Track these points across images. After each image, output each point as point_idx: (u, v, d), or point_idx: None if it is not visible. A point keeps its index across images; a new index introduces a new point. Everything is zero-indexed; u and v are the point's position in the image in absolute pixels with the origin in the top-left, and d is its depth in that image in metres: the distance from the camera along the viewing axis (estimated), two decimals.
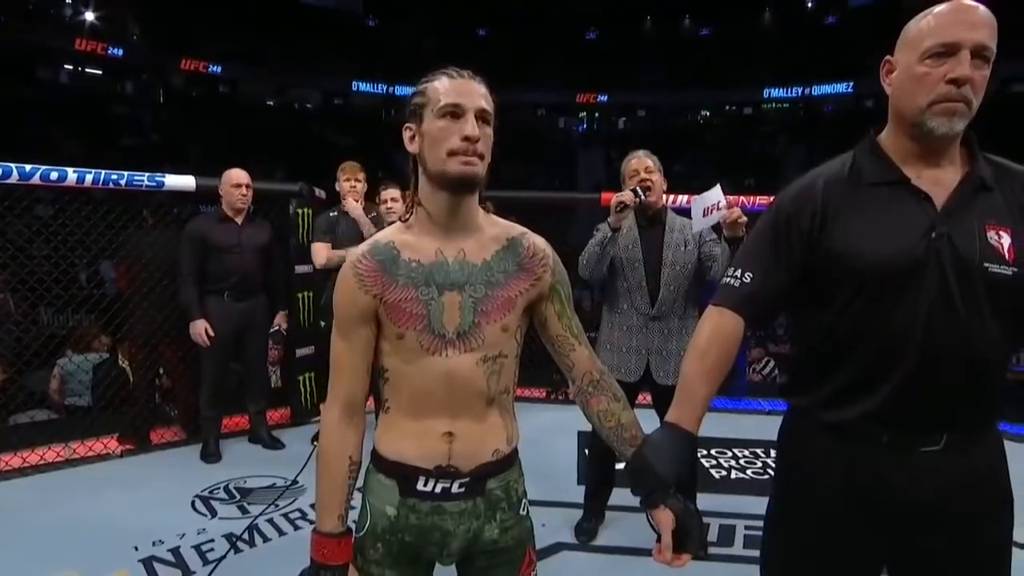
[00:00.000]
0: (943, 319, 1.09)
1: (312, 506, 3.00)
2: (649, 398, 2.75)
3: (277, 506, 3.01)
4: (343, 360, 1.18)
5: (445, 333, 1.12)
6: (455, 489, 1.14)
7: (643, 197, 2.47)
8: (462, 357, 1.13)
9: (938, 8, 1.10)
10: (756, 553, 1.39)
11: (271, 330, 3.77)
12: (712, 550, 2.68)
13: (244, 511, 2.97)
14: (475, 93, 1.11)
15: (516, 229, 1.23)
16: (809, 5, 23.69)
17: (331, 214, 3.75)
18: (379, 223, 3.69)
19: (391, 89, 24.78)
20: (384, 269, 1.14)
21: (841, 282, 1.15)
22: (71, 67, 21.53)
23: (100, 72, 21.96)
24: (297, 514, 2.95)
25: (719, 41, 24.10)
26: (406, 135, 1.15)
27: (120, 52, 21.41)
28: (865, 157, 1.19)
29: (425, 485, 1.14)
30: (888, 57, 1.16)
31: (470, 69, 1.13)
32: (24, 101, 17.15)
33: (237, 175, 3.56)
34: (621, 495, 2.92)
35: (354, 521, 1.22)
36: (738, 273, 1.23)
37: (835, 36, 21.72)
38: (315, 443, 3.76)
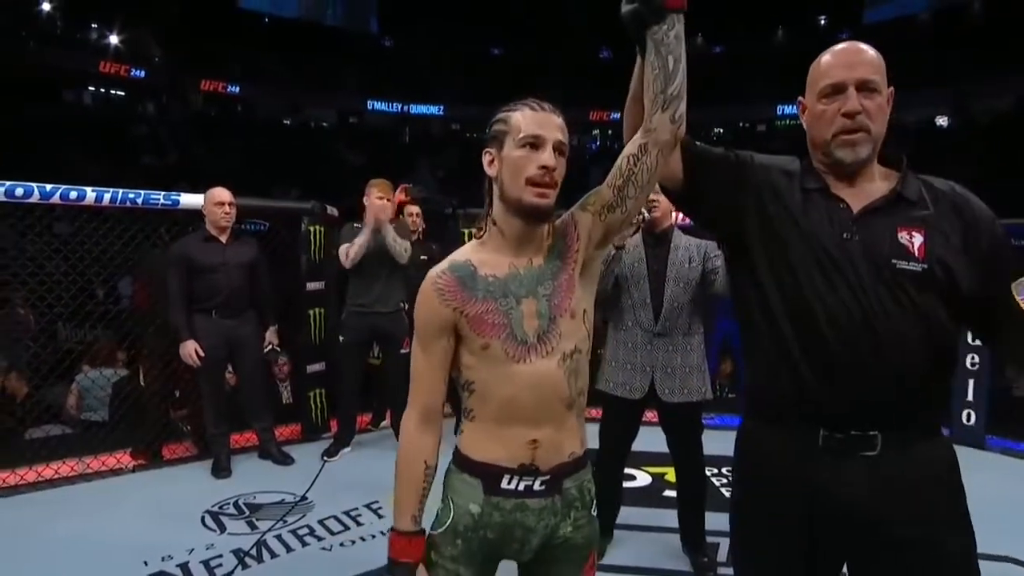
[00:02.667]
0: (862, 315, 1.17)
1: (320, 522, 3.01)
2: (655, 415, 2.72)
3: (286, 522, 3.02)
4: (422, 370, 1.25)
5: (527, 339, 1.19)
6: (537, 487, 1.21)
7: (647, 215, 2.48)
8: (544, 361, 1.19)
9: (825, 53, 1.28)
10: None
11: (265, 348, 3.78)
12: (721, 571, 2.64)
13: (253, 527, 2.99)
14: (554, 126, 1.19)
15: (559, 219, 1.29)
16: (822, 22, 23.74)
17: (356, 225, 3.79)
18: (404, 234, 3.75)
19: (406, 108, 25.08)
20: (463, 285, 1.21)
21: (773, 264, 1.27)
22: (95, 89, 22.04)
23: (123, 93, 22.48)
24: (305, 530, 2.96)
25: (732, 58, 24.20)
26: (485, 159, 1.23)
27: (142, 74, 21.92)
28: (806, 168, 1.33)
29: (509, 483, 1.21)
30: (800, 98, 1.34)
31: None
32: (49, 123, 17.56)
33: (220, 193, 3.57)
34: (630, 513, 2.90)
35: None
36: None
37: None
38: (324, 459, 3.78)
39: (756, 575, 1.34)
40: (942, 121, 19.04)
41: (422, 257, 3.98)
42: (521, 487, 1.21)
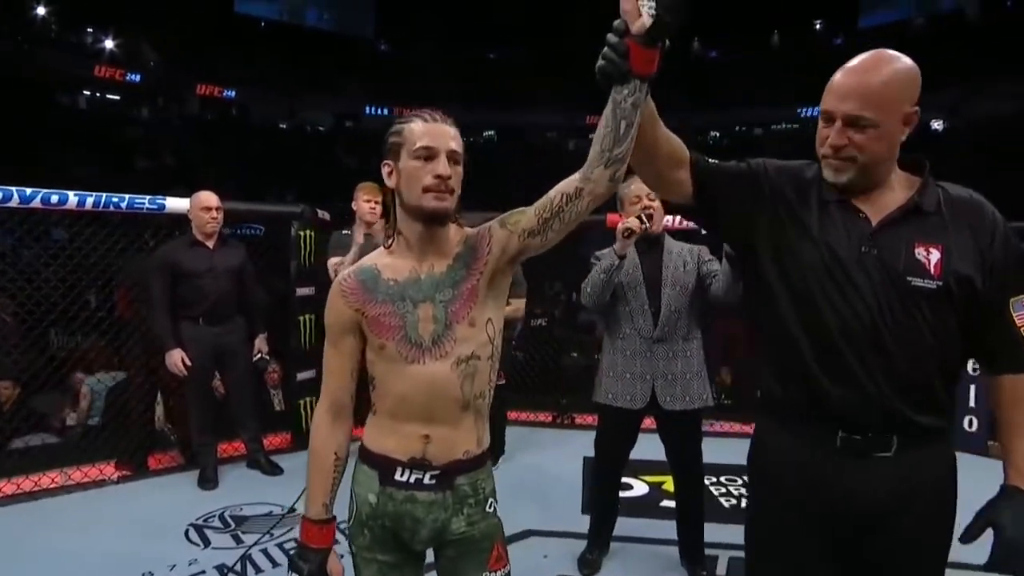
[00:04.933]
0: (874, 328, 1.19)
1: None
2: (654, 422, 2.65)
3: (272, 535, 2.93)
4: (332, 365, 1.34)
5: (422, 342, 1.25)
6: (427, 480, 1.27)
7: (648, 225, 2.41)
8: (438, 363, 1.25)
9: (849, 64, 1.24)
10: None
11: (254, 357, 3.67)
12: None
13: (238, 541, 2.89)
14: (446, 136, 1.23)
15: (475, 228, 1.33)
16: (818, 27, 23.75)
17: (344, 232, 3.71)
18: None
19: (403, 112, 24.99)
20: (365, 287, 1.28)
21: (787, 276, 1.27)
22: (89, 93, 21.92)
23: (118, 97, 22.35)
24: (292, 544, 2.86)
25: (727, 63, 24.19)
26: (385, 170, 1.28)
27: (138, 78, 21.80)
28: (823, 175, 1.30)
29: (401, 475, 1.27)
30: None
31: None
32: (43, 126, 17.44)
33: (206, 198, 3.47)
34: (626, 524, 2.81)
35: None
36: None
37: (843, 57, 21.69)
38: None
39: (779, 574, 1.34)
40: (937, 125, 19.04)
41: None
42: (412, 479, 1.27)
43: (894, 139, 1.22)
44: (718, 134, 24.15)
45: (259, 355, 3.68)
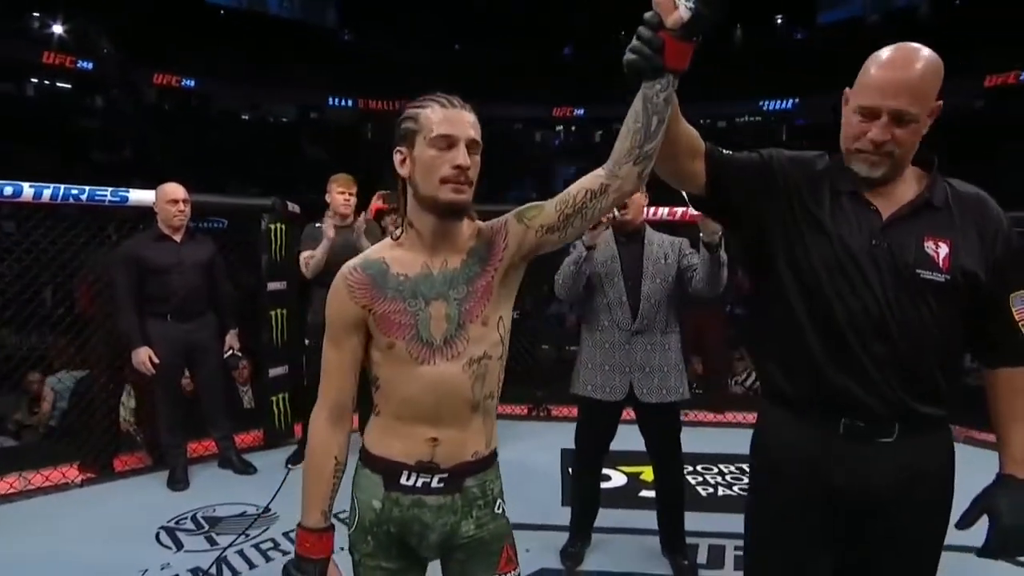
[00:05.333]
0: (882, 319, 1.22)
1: (285, 535, 2.85)
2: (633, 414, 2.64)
3: (248, 536, 2.86)
4: (333, 366, 1.24)
5: (433, 341, 1.18)
6: (435, 484, 1.21)
7: (617, 215, 2.40)
8: (449, 364, 1.18)
9: (882, 58, 1.23)
10: None
11: (225, 354, 3.56)
12: (702, 572, 2.60)
13: (212, 542, 2.81)
14: (466, 123, 1.15)
15: (488, 222, 1.27)
16: (779, 21, 24.16)
17: (317, 225, 3.62)
18: (374, 236, 3.61)
19: (368, 103, 24.62)
20: (374, 283, 1.20)
21: (797, 266, 1.29)
22: (37, 81, 21.03)
23: (69, 86, 21.50)
24: (269, 544, 2.80)
25: (692, 57, 24.37)
26: (397, 158, 1.19)
27: (90, 65, 20.98)
28: (837, 166, 1.33)
29: (407, 479, 1.20)
30: (847, 89, 1.28)
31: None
32: None
33: (172, 190, 3.34)
34: (607, 515, 2.82)
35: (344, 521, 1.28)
36: None
37: (804, 51, 22.15)
38: (289, 467, 3.61)
39: (781, 559, 1.35)
40: None
41: None
42: (419, 484, 1.20)
43: (920, 135, 1.24)
44: None
45: (230, 351, 3.57)
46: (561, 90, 24.28)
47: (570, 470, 2.70)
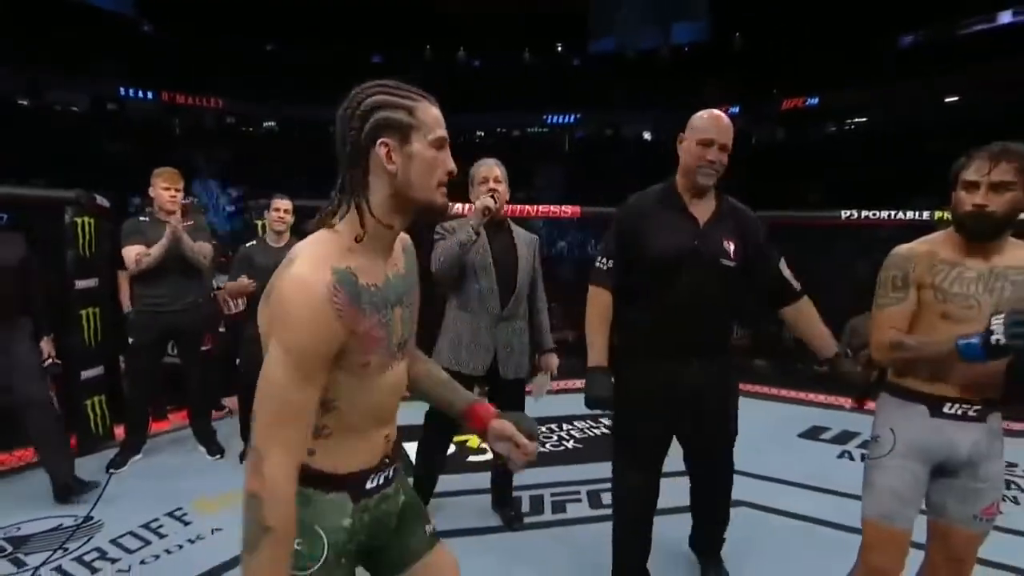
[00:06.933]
0: (702, 293, 1.84)
1: (113, 542, 2.46)
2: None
3: (66, 550, 2.41)
4: (301, 407, 0.93)
5: (395, 348, 1.07)
6: (391, 475, 1.15)
7: (494, 206, 2.38)
8: (400, 365, 1.12)
9: (705, 115, 1.86)
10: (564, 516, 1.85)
11: (45, 363, 2.86)
12: (527, 519, 2.70)
13: (20, 564, 2.32)
14: (444, 124, 1.03)
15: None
16: (559, 48, 25.74)
17: (142, 219, 3.13)
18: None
19: (174, 97, 21.66)
20: (352, 300, 0.96)
21: (645, 265, 1.88)
22: None
23: None
24: (95, 554, 2.39)
25: (489, 72, 25.07)
26: (381, 149, 0.98)
27: None
28: (667, 189, 1.93)
29: (372, 482, 1.10)
30: (681, 133, 1.91)
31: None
32: None
33: None
34: (442, 481, 2.80)
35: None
36: (604, 261, 1.96)
37: (581, 75, 23.91)
38: (110, 471, 3.11)
39: (639, 443, 1.98)
40: (647, 135, 22.00)
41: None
42: (381, 480, 1.12)
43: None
44: (482, 133, 25.01)
45: (49, 360, 2.89)
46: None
47: (417, 444, 2.63)
